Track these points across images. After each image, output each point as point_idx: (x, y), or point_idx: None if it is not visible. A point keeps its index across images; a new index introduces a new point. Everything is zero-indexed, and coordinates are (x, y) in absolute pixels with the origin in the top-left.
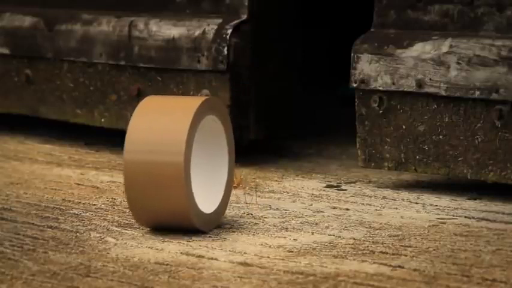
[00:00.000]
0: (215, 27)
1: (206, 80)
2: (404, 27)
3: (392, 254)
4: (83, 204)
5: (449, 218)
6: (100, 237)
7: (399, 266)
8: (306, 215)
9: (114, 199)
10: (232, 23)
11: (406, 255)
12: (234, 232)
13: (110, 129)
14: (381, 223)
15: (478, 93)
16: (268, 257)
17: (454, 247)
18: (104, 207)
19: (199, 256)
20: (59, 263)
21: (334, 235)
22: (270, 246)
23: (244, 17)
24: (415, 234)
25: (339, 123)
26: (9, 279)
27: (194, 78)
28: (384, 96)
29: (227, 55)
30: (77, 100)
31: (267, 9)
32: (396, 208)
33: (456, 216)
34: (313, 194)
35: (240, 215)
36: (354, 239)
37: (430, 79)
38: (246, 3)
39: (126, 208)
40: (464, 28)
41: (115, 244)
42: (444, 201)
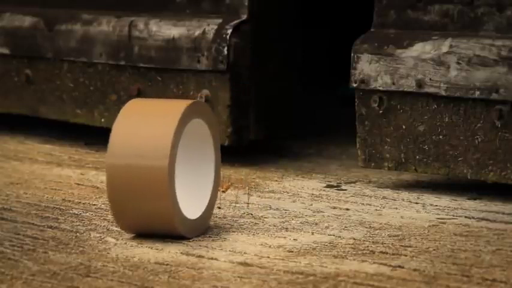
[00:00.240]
0: (215, 27)
1: (206, 80)
2: (404, 27)
3: (392, 254)
4: (83, 204)
5: (449, 218)
6: (100, 237)
7: (399, 266)
8: (306, 215)
9: None
10: (232, 23)
11: (406, 255)
12: (234, 232)
13: (110, 129)
14: (380, 223)
15: (478, 93)
16: (268, 257)
17: (454, 247)
18: (104, 207)
19: (199, 256)
20: (59, 263)
21: (334, 235)
22: (270, 246)
23: (244, 17)
24: (415, 234)
25: (339, 123)
26: (9, 279)
27: (194, 78)
28: (384, 96)
29: (227, 55)
30: (77, 100)
31: (267, 9)
32: (396, 208)
33: (456, 216)
34: (313, 194)
35: (240, 215)
36: (354, 239)
37: (430, 79)
38: (246, 3)
39: None
40: (464, 28)
41: (115, 244)
42: (444, 201)
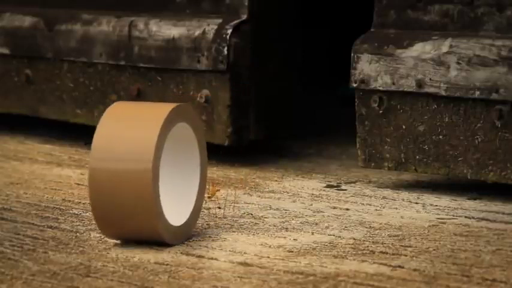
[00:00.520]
0: (215, 27)
1: (206, 80)
2: (404, 27)
3: (392, 254)
4: (83, 204)
5: (449, 218)
6: (100, 237)
7: (399, 266)
8: (306, 215)
9: None
10: (232, 23)
11: (406, 255)
12: (234, 232)
13: None
14: (380, 223)
15: (478, 93)
16: (268, 257)
17: (454, 247)
18: None
19: (199, 256)
20: (59, 263)
21: (334, 235)
22: (270, 246)
23: (244, 17)
24: (415, 234)
25: (339, 123)
26: (9, 279)
27: (194, 78)
28: (384, 96)
29: (227, 55)
30: (77, 100)
31: (267, 9)
32: (396, 208)
33: (456, 216)
34: (313, 194)
35: (240, 215)
36: (354, 239)
37: (430, 79)
38: (246, 3)
39: None
40: (464, 28)
41: (115, 244)
42: (444, 201)
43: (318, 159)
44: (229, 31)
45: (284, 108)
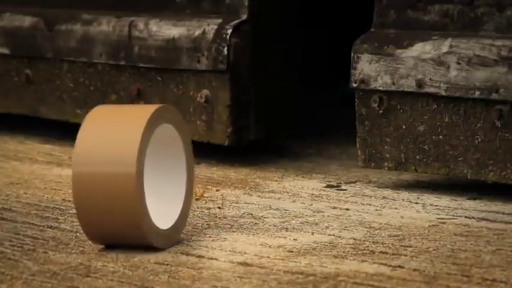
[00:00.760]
0: (215, 27)
1: (206, 80)
2: (404, 27)
3: (392, 254)
4: None
5: (449, 218)
6: None
7: (399, 266)
8: (306, 215)
9: None
10: (232, 23)
11: (406, 255)
12: (234, 232)
13: None
14: (380, 223)
15: (478, 93)
16: (268, 257)
17: (454, 247)
18: None
19: (199, 256)
20: (59, 263)
21: (334, 235)
22: (270, 246)
23: (244, 17)
24: (415, 234)
25: (339, 123)
26: (9, 279)
27: (194, 78)
28: (384, 96)
29: (227, 55)
30: (77, 100)
31: (267, 9)
32: (396, 208)
33: (456, 216)
34: (313, 194)
35: (240, 215)
36: (354, 239)
37: (430, 79)
38: (246, 3)
39: None
40: (464, 28)
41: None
42: (444, 201)
43: (318, 159)
44: (229, 31)
45: (284, 108)
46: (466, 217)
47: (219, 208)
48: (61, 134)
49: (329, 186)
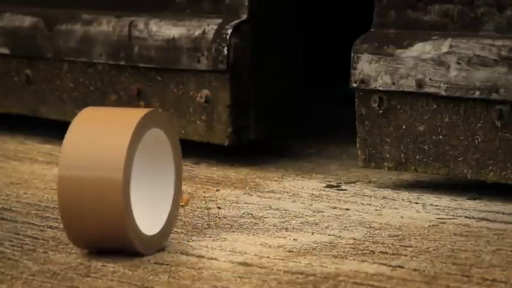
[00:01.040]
0: (215, 27)
1: (206, 80)
2: (404, 27)
3: (392, 254)
4: None
5: (449, 218)
6: None
7: (399, 266)
8: (306, 215)
9: None
10: (232, 23)
11: (406, 255)
12: (234, 232)
13: None
14: (380, 223)
15: (478, 93)
16: (268, 257)
17: (454, 247)
18: None
19: (199, 256)
20: (59, 263)
21: (334, 235)
22: (270, 246)
23: (244, 17)
24: (415, 234)
25: (339, 123)
26: (9, 279)
27: (194, 78)
28: (384, 96)
29: (227, 55)
30: (77, 100)
31: (267, 9)
32: (396, 208)
33: (456, 216)
34: (313, 194)
35: (240, 215)
36: (354, 239)
37: (430, 79)
38: (246, 3)
39: None
40: (464, 28)
41: None
42: (444, 201)
43: (318, 159)
44: (229, 31)
45: (284, 108)
46: (466, 217)
47: (219, 208)
48: (61, 134)
49: (329, 186)
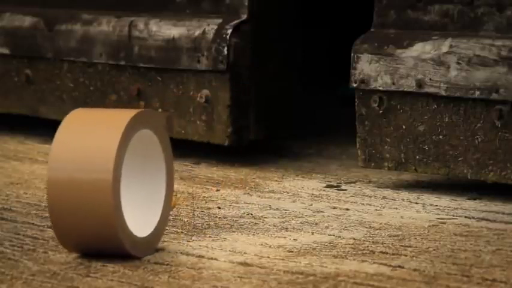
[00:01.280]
0: (215, 27)
1: (206, 80)
2: (404, 27)
3: (392, 254)
4: None
5: (449, 218)
6: None
7: (399, 266)
8: (306, 215)
9: None
10: (232, 23)
11: (406, 255)
12: (234, 232)
13: None
14: (380, 223)
15: (478, 93)
16: (268, 257)
17: (454, 247)
18: None
19: (199, 256)
20: (59, 263)
21: (334, 235)
22: (270, 246)
23: (244, 17)
24: (415, 234)
25: (339, 123)
26: (9, 279)
27: (194, 78)
28: (384, 96)
29: (227, 55)
30: (77, 100)
31: (267, 9)
32: (396, 208)
33: (456, 216)
34: (313, 194)
35: (240, 215)
36: (354, 239)
37: (430, 79)
38: (246, 3)
39: None
40: (464, 28)
41: None
42: (444, 201)
43: (318, 159)
44: (229, 31)
45: (284, 108)
46: (466, 217)
47: (219, 208)
48: None
49: (329, 186)
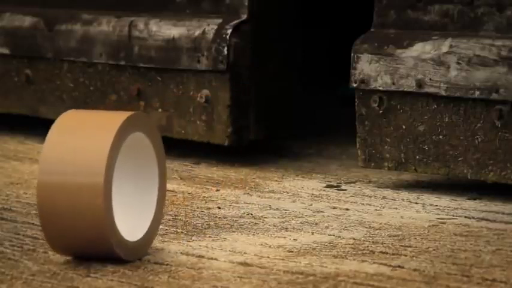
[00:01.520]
0: (215, 27)
1: (206, 80)
2: (404, 27)
3: (392, 254)
4: None
5: (449, 218)
6: None
7: (399, 266)
8: (306, 215)
9: None
10: (232, 23)
11: (406, 255)
12: (234, 232)
13: None
14: (380, 223)
15: (478, 93)
16: (268, 257)
17: (454, 247)
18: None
19: (199, 256)
20: (59, 263)
21: (334, 235)
22: (270, 246)
23: (244, 17)
24: (415, 234)
25: (339, 123)
26: (9, 279)
27: (194, 78)
28: (384, 96)
29: (227, 55)
30: (77, 100)
31: (267, 9)
32: (396, 208)
33: (456, 216)
34: (313, 194)
35: (240, 215)
36: (354, 239)
37: (430, 79)
38: (246, 3)
39: None
40: (464, 28)
41: None
42: (444, 201)
43: (318, 159)
44: (229, 31)
45: (284, 108)
46: (466, 217)
47: (219, 208)
48: None
49: (329, 186)
